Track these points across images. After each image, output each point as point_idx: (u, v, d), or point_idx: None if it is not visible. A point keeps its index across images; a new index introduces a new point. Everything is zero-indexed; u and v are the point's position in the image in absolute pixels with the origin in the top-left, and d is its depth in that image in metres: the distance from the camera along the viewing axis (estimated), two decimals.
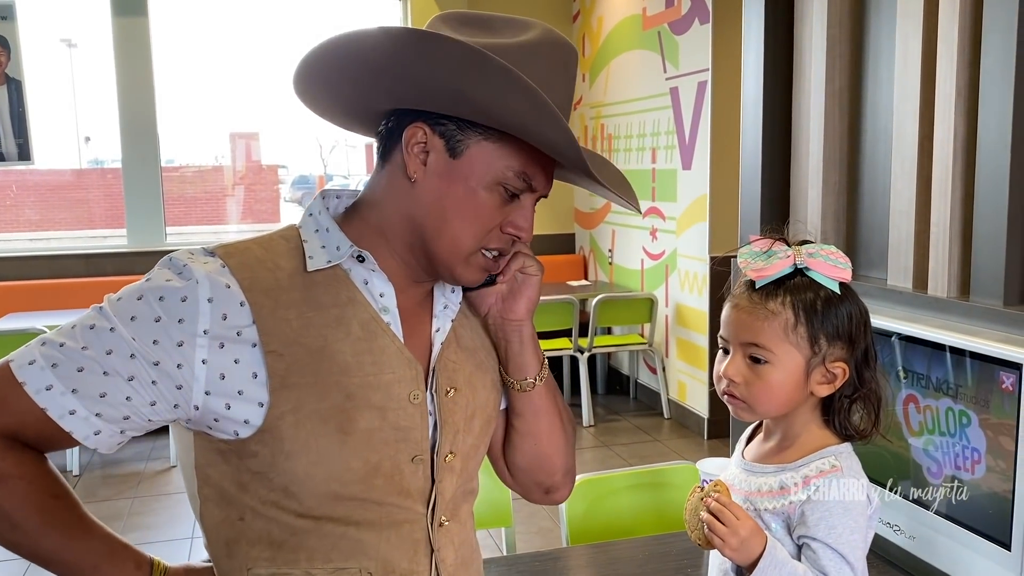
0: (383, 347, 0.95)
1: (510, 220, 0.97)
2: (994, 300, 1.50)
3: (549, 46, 0.95)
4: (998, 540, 1.38)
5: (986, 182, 1.51)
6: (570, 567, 1.71)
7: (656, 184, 5.12)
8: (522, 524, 3.58)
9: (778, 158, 2.08)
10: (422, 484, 0.98)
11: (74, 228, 8.21)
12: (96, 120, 7.58)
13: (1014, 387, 1.34)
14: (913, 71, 1.67)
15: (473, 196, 0.94)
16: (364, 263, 0.96)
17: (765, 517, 1.10)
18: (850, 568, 1.04)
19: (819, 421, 1.13)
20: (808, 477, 1.08)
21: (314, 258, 0.95)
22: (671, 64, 4.85)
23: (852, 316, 1.08)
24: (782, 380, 1.08)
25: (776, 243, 1.09)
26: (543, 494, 1.15)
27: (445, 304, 1.04)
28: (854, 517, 1.05)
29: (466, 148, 0.93)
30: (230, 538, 0.94)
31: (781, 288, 1.07)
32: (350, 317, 0.94)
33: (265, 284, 0.92)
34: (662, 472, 2.11)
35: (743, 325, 1.09)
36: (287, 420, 0.90)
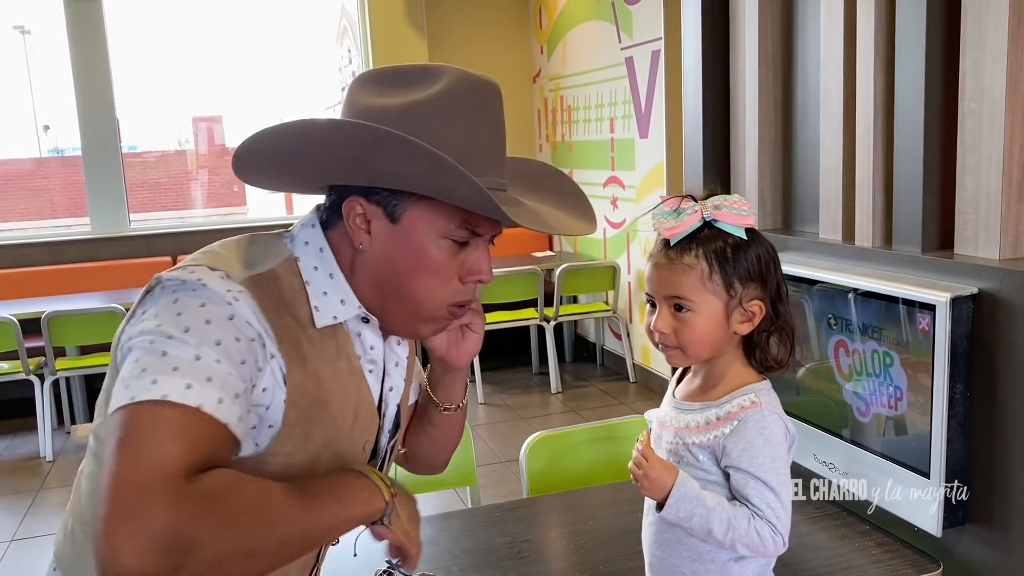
0: (361, 399, 1.03)
1: (468, 268, 1.00)
2: (913, 248, 1.59)
3: (463, 92, 0.98)
4: (919, 470, 1.49)
5: (903, 137, 1.60)
6: (528, 515, 1.80)
7: (615, 153, 5.20)
8: (493, 487, 3.68)
9: (718, 122, 2.16)
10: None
11: (36, 218, 8.12)
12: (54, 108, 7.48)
13: (930, 327, 1.44)
14: (836, 33, 1.75)
15: (423, 255, 0.97)
16: (368, 324, 1.02)
17: (693, 450, 1.19)
18: (773, 493, 1.14)
19: (742, 359, 1.22)
20: (731, 413, 1.17)
21: (320, 310, 0.97)
22: (625, 34, 4.91)
23: (760, 257, 1.17)
24: (705, 325, 1.17)
25: (684, 200, 1.17)
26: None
27: (396, 362, 1.11)
28: (774, 447, 1.15)
29: (403, 212, 0.96)
30: None
31: (693, 242, 1.16)
32: (346, 371, 1.00)
33: (289, 333, 0.93)
34: (616, 426, 2.20)
35: (664, 280, 1.17)
36: (277, 461, 0.95)
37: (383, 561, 1.53)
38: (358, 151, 0.91)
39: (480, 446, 4.24)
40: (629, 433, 2.14)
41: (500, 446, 4.30)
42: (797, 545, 1.58)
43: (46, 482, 4.12)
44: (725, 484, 1.18)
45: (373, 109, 0.95)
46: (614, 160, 5.21)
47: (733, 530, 1.13)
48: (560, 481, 2.04)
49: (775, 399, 1.21)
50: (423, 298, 0.99)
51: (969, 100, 1.47)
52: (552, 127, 6.10)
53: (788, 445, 1.19)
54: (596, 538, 1.64)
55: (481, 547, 1.63)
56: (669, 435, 1.25)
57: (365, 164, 0.92)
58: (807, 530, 1.65)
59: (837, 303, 1.65)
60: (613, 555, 1.56)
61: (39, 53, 6.76)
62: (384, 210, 0.97)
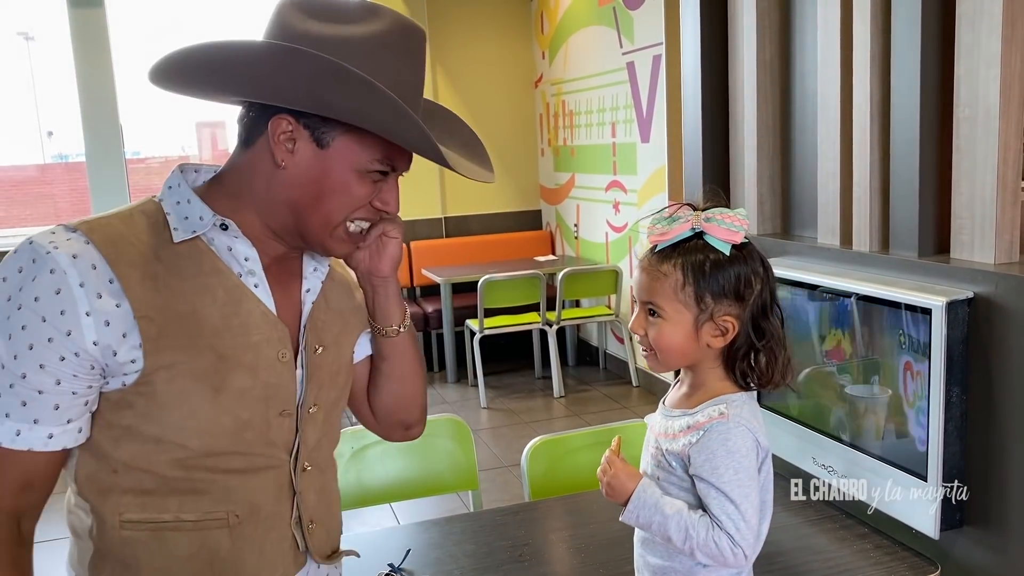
0: (249, 311, 1.02)
1: (379, 198, 1.04)
2: (910, 252, 1.61)
3: (399, 35, 1.01)
4: (916, 473, 1.50)
5: (899, 143, 1.61)
6: (529, 519, 1.81)
7: (617, 158, 5.21)
8: (496, 492, 3.69)
9: (717, 127, 2.18)
10: (287, 435, 1.07)
11: (40, 224, 8.16)
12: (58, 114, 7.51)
13: (926, 331, 1.46)
14: (833, 39, 1.77)
15: (343, 182, 1.01)
16: (227, 231, 1.02)
17: (668, 457, 1.21)
18: (733, 505, 1.13)
19: (721, 372, 1.22)
20: (699, 422, 1.18)
21: (179, 230, 1.00)
22: (626, 39, 4.93)
23: (741, 275, 1.17)
24: (673, 333, 1.18)
25: (682, 208, 1.18)
26: (403, 431, 1.28)
27: (315, 267, 1.13)
28: (737, 459, 1.15)
29: (332, 140, 0.99)
30: (104, 487, 1.01)
31: (676, 251, 1.17)
32: (215, 285, 1.01)
33: (130, 257, 0.96)
34: (616, 430, 2.21)
35: (642, 285, 1.20)
36: (161, 375, 0.96)
37: (385, 564, 1.56)
38: (312, 84, 0.93)
39: (482, 450, 4.25)
40: (631, 437, 2.13)
41: (503, 451, 4.31)
42: (796, 547, 1.60)
43: None
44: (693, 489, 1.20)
45: (310, 36, 0.96)
46: (616, 164, 5.22)
47: (690, 539, 1.14)
48: (562, 485, 2.05)
49: (750, 411, 1.20)
50: (335, 219, 1.02)
51: (964, 106, 1.48)
52: (554, 132, 6.11)
53: (758, 458, 1.18)
54: (597, 542, 1.66)
55: (483, 551, 1.64)
56: (653, 440, 1.26)
57: (313, 93, 0.94)
58: (806, 532, 1.66)
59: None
60: (614, 559, 1.57)
61: (43, 59, 6.79)
62: (312, 134, 0.99)
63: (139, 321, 0.95)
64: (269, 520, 1.06)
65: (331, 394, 1.12)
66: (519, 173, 6.41)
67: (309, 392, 1.08)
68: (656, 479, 1.23)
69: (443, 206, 6.22)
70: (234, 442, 1.01)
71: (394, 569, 1.56)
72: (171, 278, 0.98)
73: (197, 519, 1.01)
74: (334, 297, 1.15)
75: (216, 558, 1.03)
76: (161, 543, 1.01)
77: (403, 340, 1.19)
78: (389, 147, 1.00)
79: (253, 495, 1.04)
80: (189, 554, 1.02)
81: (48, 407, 0.94)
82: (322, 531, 1.12)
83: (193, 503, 1.01)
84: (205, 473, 1.01)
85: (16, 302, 0.92)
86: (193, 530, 1.02)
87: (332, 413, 1.14)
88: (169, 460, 0.99)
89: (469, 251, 6.10)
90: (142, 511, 1.00)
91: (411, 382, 1.23)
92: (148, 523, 1.01)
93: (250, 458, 1.03)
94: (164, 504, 1.00)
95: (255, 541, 1.05)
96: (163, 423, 0.97)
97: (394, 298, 1.16)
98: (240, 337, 1.01)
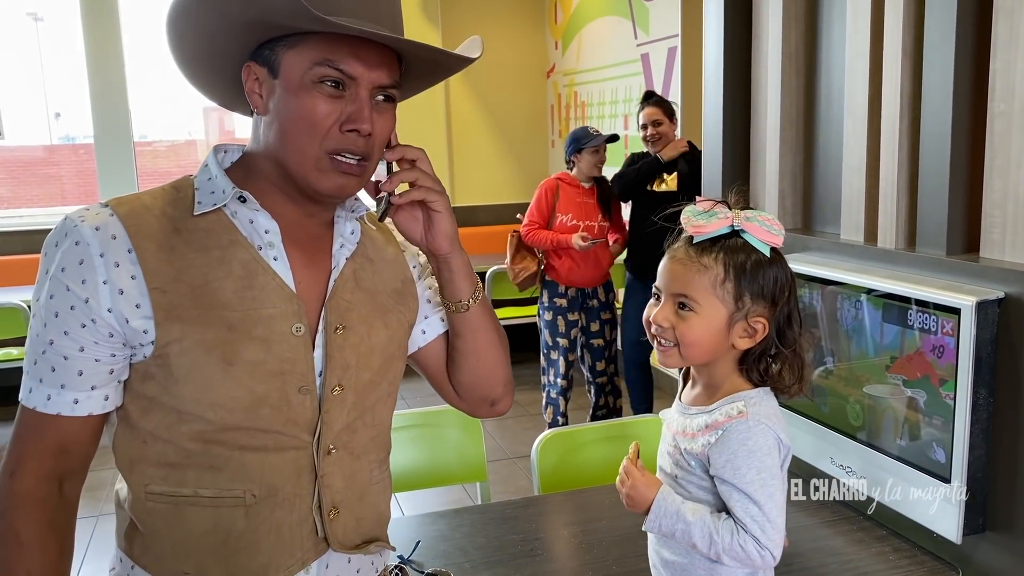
0: (263, 284, 1.01)
1: (347, 115, 0.99)
2: (938, 251, 1.57)
3: None
4: (939, 476, 1.47)
5: (930, 138, 1.57)
6: (539, 513, 1.79)
7: (629, 150, 5.17)
8: (501, 483, 3.67)
9: (739, 120, 2.14)
10: (310, 415, 1.03)
11: (46, 205, 8.13)
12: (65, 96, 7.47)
13: (954, 332, 1.42)
14: (863, 31, 1.73)
15: (297, 102, 0.97)
16: (246, 203, 1.02)
17: (687, 456, 1.18)
18: (757, 506, 1.11)
19: (739, 372, 1.19)
20: (718, 421, 1.15)
21: (201, 203, 1.01)
22: (641, 30, 4.88)
23: (777, 279, 1.15)
24: (704, 328, 1.14)
25: (718, 205, 1.15)
26: (489, 407, 1.23)
27: (342, 243, 1.09)
28: (759, 458, 1.11)
29: (280, 64, 0.98)
30: (133, 457, 1.02)
31: (716, 246, 1.14)
32: (231, 258, 1.00)
33: (150, 230, 0.98)
34: (628, 425, 2.19)
35: (676, 276, 1.16)
36: (174, 348, 0.96)
37: (394, 557, 1.53)
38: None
39: (488, 442, 4.21)
40: (640, 432, 2.13)
41: (508, 442, 4.29)
42: (813, 548, 1.57)
43: None
44: (714, 489, 1.17)
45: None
46: (627, 157, 5.18)
47: (715, 544, 1.12)
48: (571, 479, 2.03)
49: (769, 409, 1.16)
50: (308, 150, 0.99)
51: (999, 101, 1.44)
52: (565, 123, 6.07)
53: (779, 455, 1.15)
54: (608, 538, 1.63)
55: (493, 544, 1.62)
56: (670, 437, 1.23)
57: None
58: (823, 534, 1.63)
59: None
60: (626, 555, 1.54)
61: (51, 40, 6.75)
62: (268, 69, 0.99)
63: (152, 292, 0.96)
64: (288, 502, 1.03)
65: (362, 375, 1.08)
66: (529, 164, 6.37)
67: (331, 372, 1.04)
68: (675, 478, 1.20)
69: (452, 195, 6.19)
70: (250, 417, 0.99)
71: (404, 560, 1.53)
72: (189, 251, 0.99)
73: (214, 496, 1.00)
74: (368, 277, 1.11)
75: (230, 537, 1.01)
76: (180, 517, 1.01)
77: (475, 315, 1.15)
78: (325, 46, 0.96)
79: (271, 475, 1.01)
80: (204, 531, 1.01)
81: (72, 373, 0.97)
82: (350, 519, 1.08)
83: (211, 479, 1.00)
84: (222, 448, 0.99)
85: (49, 273, 0.97)
86: (209, 506, 1.00)
87: (367, 396, 1.09)
88: (189, 433, 0.99)
89: (477, 241, 6.06)
90: (164, 484, 1.01)
91: (489, 356, 1.18)
92: (169, 496, 1.01)
93: (269, 436, 1.01)
94: (184, 478, 1.00)
95: (271, 523, 1.02)
96: (180, 396, 0.97)
97: (459, 272, 1.12)
98: (252, 310, 0.99)
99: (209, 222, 1.01)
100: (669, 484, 1.21)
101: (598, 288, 4.05)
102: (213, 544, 1.01)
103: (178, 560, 1.02)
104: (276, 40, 0.98)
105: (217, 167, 1.04)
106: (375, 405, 1.11)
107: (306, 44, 0.96)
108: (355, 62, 0.97)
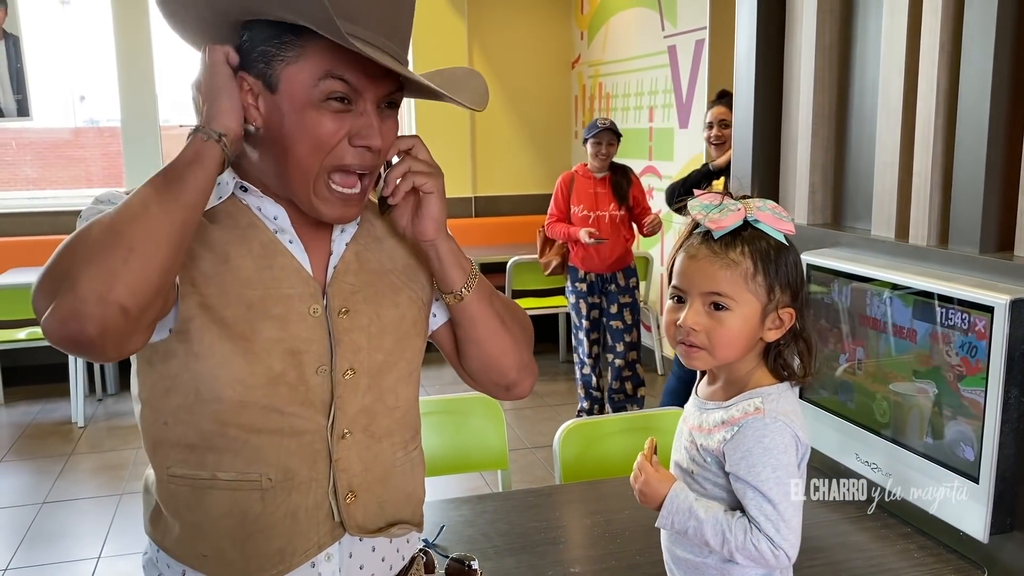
0: (282, 264, 1.02)
1: (356, 131, 0.97)
2: (971, 248, 1.56)
3: None
4: (968, 474, 1.46)
5: (966, 134, 1.56)
6: (562, 501, 1.79)
7: (653, 143, 5.15)
8: (520, 473, 3.68)
9: (769, 113, 2.13)
10: (324, 396, 1.03)
11: (71, 187, 8.21)
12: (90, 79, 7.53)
13: (986, 330, 1.41)
14: (899, 25, 1.71)
15: (301, 119, 0.95)
16: (248, 192, 1.02)
17: (703, 452, 1.16)
18: (771, 505, 1.09)
19: (761, 364, 1.17)
20: (734, 417, 1.13)
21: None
22: (669, 22, 4.86)
23: (797, 266, 1.14)
24: (740, 326, 1.12)
25: (723, 197, 1.13)
26: (504, 391, 1.20)
27: (342, 229, 1.08)
28: (775, 456, 1.09)
29: (278, 80, 0.95)
30: (156, 439, 1.03)
31: (738, 239, 1.11)
32: (251, 238, 1.01)
33: None
34: (651, 416, 2.19)
35: (704, 274, 1.12)
36: (195, 323, 0.97)
37: (419, 541, 1.54)
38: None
39: (507, 431, 4.23)
40: (662, 424, 2.12)
41: (527, 432, 4.30)
42: (836, 544, 1.57)
43: (77, 447, 4.17)
44: (729, 486, 1.15)
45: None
46: (652, 150, 5.16)
47: (728, 542, 1.10)
48: (592, 469, 2.03)
49: (787, 405, 1.14)
50: (311, 169, 0.96)
51: None
52: (589, 114, 6.05)
53: (797, 454, 1.12)
54: (631, 527, 1.63)
55: (516, 531, 1.62)
56: (686, 432, 1.22)
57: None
58: (846, 529, 1.63)
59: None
60: (649, 545, 1.54)
61: (77, 23, 6.79)
62: (264, 82, 0.96)
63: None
64: (304, 486, 1.03)
65: (375, 357, 1.07)
66: (552, 155, 6.35)
67: (341, 356, 1.04)
68: (690, 474, 1.18)
69: (473, 185, 6.19)
70: (267, 395, 0.99)
71: (428, 544, 1.54)
72: (213, 227, 1.00)
73: (231, 479, 1.01)
74: (375, 256, 1.10)
75: (247, 520, 1.02)
76: (199, 500, 1.02)
77: (472, 304, 1.11)
78: (330, 60, 0.93)
79: (287, 459, 1.02)
80: (222, 513, 1.02)
81: None
82: (371, 503, 1.08)
83: (229, 462, 1.01)
84: (239, 431, 1.00)
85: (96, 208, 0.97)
86: (227, 489, 1.01)
87: (384, 377, 1.08)
88: (207, 413, 0.99)
89: (498, 232, 6.07)
90: (184, 466, 1.01)
91: (492, 345, 1.15)
92: (189, 478, 1.02)
93: (285, 417, 1.01)
94: (203, 460, 1.01)
95: (288, 507, 1.03)
96: (199, 373, 0.98)
97: (448, 260, 1.08)
98: (272, 289, 1.00)
99: (227, 205, 1.02)
100: (684, 480, 1.19)
101: (616, 274, 4.16)
102: (230, 527, 1.02)
103: (196, 543, 1.03)
104: (271, 56, 0.95)
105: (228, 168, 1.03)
106: (396, 386, 1.10)
107: (309, 57, 0.94)
108: (361, 75, 0.95)
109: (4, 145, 7.81)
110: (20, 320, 4.54)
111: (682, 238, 1.17)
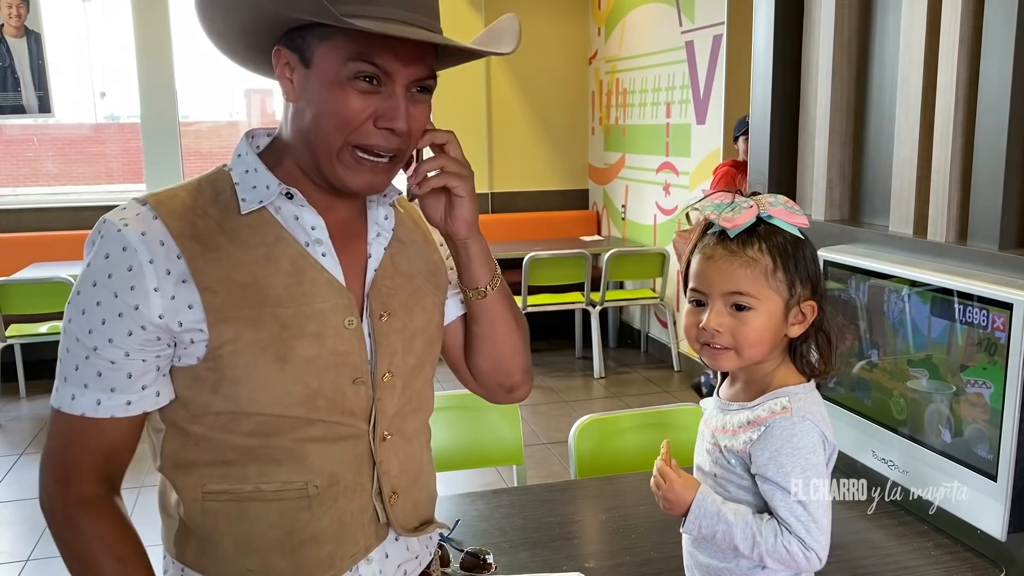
0: (313, 279, 1.01)
1: (381, 112, 0.96)
2: (990, 244, 1.55)
3: None
4: (986, 472, 1.45)
5: (986, 130, 1.55)
6: (577, 496, 1.80)
7: (670, 139, 5.14)
8: (534, 468, 3.69)
9: (787, 108, 2.12)
10: (364, 403, 1.04)
11: (92, 182, 8.29)
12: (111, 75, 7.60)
13: (1005, 327, 1.40)
14: (919, 20, 1.70)
15: (330, 95, 0.95)
16: (293, 200, 1.01)
17: (727, 454, 1.14)
18: (802, 506, 1.07)
19: (787, 361, 1.16)
20: (760, 417, 1.11)
21: (246, 200, 1.00)
22: (687, 18, 4.84)
23: (815, 258, 1.13)
24: (765, 324, 1.10)
25: (734, 195, 1.12)
26: (505, 393, 1.22)
27: (378, 232, 1.09)
28: (804, 456, 1.08)
29: (312, 54, 0.95)
30: (187, 461, 1.02)
31: (753, 236, 1.10)
32: (278, 255, 1.00)
33: (195, 231, 0.97)
34: (668, 413, 2.19)
35: (723, 274, 1.10)
36: (227, 350, 0.96)
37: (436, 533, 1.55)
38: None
39: (522, 427, 4.24)
40: (679, 421, 2.12)
41: (542, 428, 4.31)
42: (853, 541, 1.56)
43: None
44: (755, 489, 1.13)
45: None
46: (669, 146, 5.15)
47: (758, 546, 1.08)
48: (608, 465, 2.03)
49: (813, 405, 1.13)
50: (335, 142, 0.97)
51: None
52: (606, 110, 6.04)
53: (825, 455, 1.11)
54: (647, 523, 1.63)
55: (531, 525, 1.63)
56: (709, 434, 1.20)
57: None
58: (863, 527, 1.62)
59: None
60: (665, 541, 1.55)
61: (97, 21, 6.85)
62: (299, 56, 0.97)
63: (203, 293, 0.95)
64: (349, 491, 1.04)
65: (408, 360, 1.08)
66: (568, 151, 6.35)
67: (380, 359, 1.05)
68: (714, 476, 1.17)
69: (490, 181, 6.20)
70: (307, 410, 1.00)
71: (444, 538, 1.55)
72: (235, 249, 0.98)
73: (276, 489, 1.00)
74: (404, 260, 1.11)
75: (295, 528, 1.02)
76: (242, 514, 1.01)
77: (493, 302, 1.13)
78: (359, 39, 0.93)
79: (332, 465, 1.02)
80: (269, 524, 1.01)
81: (122, 377, 0.97)
82: (408, 503, 1.09)
83: (272, 472, 1.00)
84: (282, 441, 1.00)
85: (91, 279, 0.96)
86: (273, 500, 1.01)
87: (414, 380, 1.10)
88: (246, 429, 0.99)
89: (514, 228, 6.08)
90: (223, 482, 1.00)
91: (507, 343, 1.17)
92: (229, 493, 1.01)
93: (327, 426, 1.01)
94: (244, 474, 1.00)
95: (334, 512, 1.03)
96: (236, 397, 0.97)
97: (477, 259, 1.10)
98: (304, 306, 0.99)
99: (253, 219, 1.00)
100: (708, 484, 1.17)
101: None
102: (278, 537, 1.01)
103: (240, 558, 1.02)
104: (306, 27, 0.95)
105: (255, 159, 1.03)
106: (422, 389, 1.12)
107: (339, 38, 0.94)
108: (391, 58, 0.95)
109: (26, 141, 7.90)
110: (41, 314, 4.58)
111: (696, 239, 1.16)
